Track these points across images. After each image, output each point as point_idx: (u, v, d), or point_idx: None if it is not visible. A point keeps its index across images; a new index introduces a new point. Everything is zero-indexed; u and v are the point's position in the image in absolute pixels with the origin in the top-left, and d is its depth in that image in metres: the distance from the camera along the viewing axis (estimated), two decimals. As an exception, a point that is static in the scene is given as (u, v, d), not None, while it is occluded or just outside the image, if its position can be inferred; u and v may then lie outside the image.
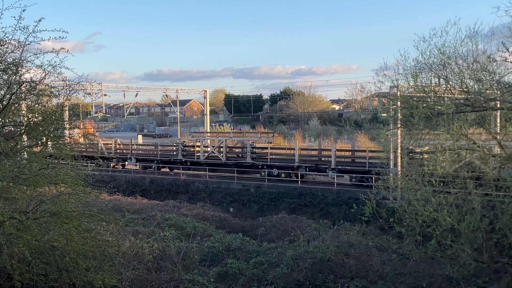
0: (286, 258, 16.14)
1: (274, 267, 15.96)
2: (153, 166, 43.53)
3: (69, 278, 11.38)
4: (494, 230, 12.26)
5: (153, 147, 49.15)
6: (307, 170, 35.87)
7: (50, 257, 11.22)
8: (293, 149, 37.70)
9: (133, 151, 46.54)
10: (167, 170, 44.08)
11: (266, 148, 39.32)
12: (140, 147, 50.53)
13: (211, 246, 18.98)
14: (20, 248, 10.27)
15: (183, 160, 41.98)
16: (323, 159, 37.82)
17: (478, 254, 12.20)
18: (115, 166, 46.74)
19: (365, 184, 31.45)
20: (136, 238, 17.16)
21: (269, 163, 37.56)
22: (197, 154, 41.54)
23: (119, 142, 48.49)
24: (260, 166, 38.24)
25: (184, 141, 44.26)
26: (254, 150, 39.17)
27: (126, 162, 45.90)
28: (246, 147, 38.79)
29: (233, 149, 42.20)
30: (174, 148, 45.06)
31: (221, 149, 40.20)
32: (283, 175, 36.54)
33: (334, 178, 33.65)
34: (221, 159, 39.73)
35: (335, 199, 31.47)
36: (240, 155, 40.74)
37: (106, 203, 23.01)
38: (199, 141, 42.45)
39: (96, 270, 11.67)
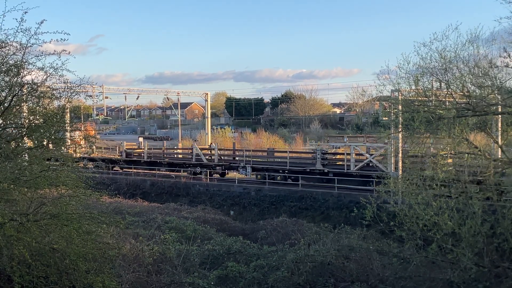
0: (287, 262, 16.12)
1: (274, 271, 15.93)
2: (278, 177, 36.25)
3: (69, 280, 11.36)
4: (495, 235, 12.25)
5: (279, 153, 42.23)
6: None
7: (50, 259, 11.20)
8: None
9: (247, 158, 39.40)
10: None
11: None
12: (255, 153, 42.88)
13: (211, 249, 18.96)
14: (20, 250, 10.25)
15: (325, 171, 34.39)
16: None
17: (479, 258, 12.18)
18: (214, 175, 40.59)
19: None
20: (136, 240, 17.14)
21: None
22: (346, 164, 33.49)
23: (216, 147, 42.09)
24: None
25: (322, 148, 36.59)
26: None
27: (230, 171, 40.10)
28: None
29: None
30: (310, 156, 37.31)
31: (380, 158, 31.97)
32: None
33: None
34: (384, 171, 29.79)
35: (335, 203, 31.40)
36: None
37: (107, 206, 23.01)
38: (341, 147, 35.28)
39: (96, 272, 11.64)
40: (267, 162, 40.23)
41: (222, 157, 41.70)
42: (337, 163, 35.51)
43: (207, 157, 41.23)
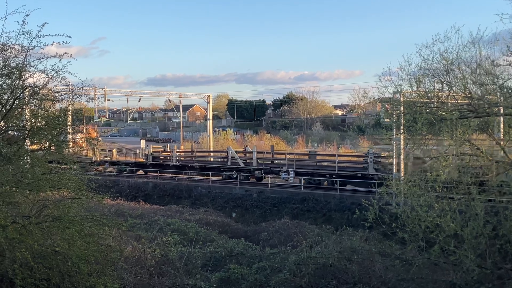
0: (289, 264, 16.10)
1: (276, 273, 15.92)
2: (325, 182, 33.99)
3: (71, 282, 11.35)
4: (497, 236, 12.21)
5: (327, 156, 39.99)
6: None
7: (53, 262, 11.19)
8: None
9: (289, 162, 37.40)
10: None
11: None
12: (297, 156, 40.76)
13: (213, 251, 18.96)
14: (22, 253, 10.25)
15: (379, 176, 31.04)
16: None
17: (482, 260, 12.14)
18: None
19: None
20: (138, 243, 17.14)
21: None
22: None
23: (255, 150, 39.75)
24: None
25: (374, 151, 34.08)
26: None
27: (270, 175, 37.70)
28: None
29: None
30: (362, 160, 35.22)
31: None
32: None
33: None
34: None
35: (338, 205, 31.38)
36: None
37: (109, 208, 23.06)
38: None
39: (98, 275, 11.64)
40: (310, 166, 38.12)
41: (259, 161, 40.05)
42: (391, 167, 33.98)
43: (243, 160, 39.97)
